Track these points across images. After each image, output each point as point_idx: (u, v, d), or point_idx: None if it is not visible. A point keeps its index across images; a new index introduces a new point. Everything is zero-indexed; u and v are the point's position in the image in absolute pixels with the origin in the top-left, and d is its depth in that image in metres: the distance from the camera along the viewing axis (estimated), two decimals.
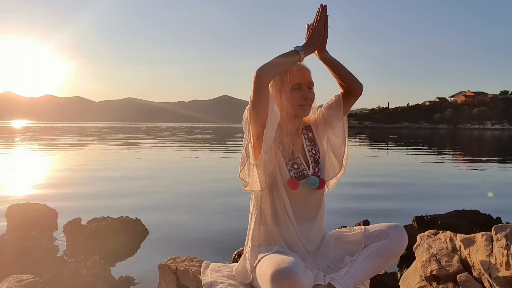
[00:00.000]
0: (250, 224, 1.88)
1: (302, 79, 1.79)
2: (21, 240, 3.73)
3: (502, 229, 2.08)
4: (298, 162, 1.82)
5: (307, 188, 1.81)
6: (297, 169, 1.81)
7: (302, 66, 1.82)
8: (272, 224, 1.81)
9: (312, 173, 1.83)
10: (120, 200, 6.41)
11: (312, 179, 1.81)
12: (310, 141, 1.91)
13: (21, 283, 2.40)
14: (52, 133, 44.29)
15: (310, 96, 1.81)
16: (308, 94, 1.80)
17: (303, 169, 1.82)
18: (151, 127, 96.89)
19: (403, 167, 12.60)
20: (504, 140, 36.60)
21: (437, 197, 7.12)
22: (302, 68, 1.82)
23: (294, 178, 1.79)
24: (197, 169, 11.49)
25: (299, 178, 1.80)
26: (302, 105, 1.80)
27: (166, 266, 2.14)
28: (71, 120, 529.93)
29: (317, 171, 1.85)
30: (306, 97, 1.79)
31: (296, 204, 1.81)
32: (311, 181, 1.81)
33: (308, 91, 1.80)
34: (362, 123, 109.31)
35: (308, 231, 1.84)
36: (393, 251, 1.78)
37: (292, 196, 1.80)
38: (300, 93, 1.79)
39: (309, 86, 1.82)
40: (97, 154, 16.65)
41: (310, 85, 1.82)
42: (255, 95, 1.65)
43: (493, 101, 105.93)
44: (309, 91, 1.81)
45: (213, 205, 6.11)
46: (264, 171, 1.74)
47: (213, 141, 28.68)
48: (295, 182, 1.78)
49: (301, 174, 1.81)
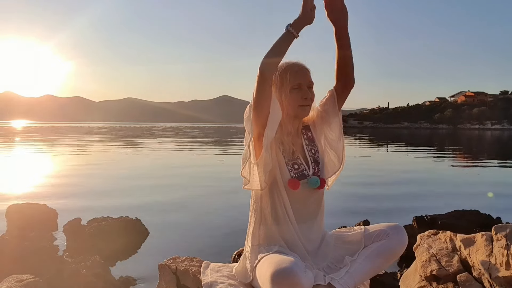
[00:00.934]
0: (250, 224, 1.88)
1: (302, 79, 1.79)
2: (21, 240, 3.73)
3: (502, 229, 2.08)
4: (299, 162, 1.82)
5: (307, 188, 1.81)
6: (298, 169, 1.81)
7: (302, 66, 1.82)
8: (272, 223, 1.81)
9: (312, 173, 1.83)
10: (120, 200, 6.41)
11: (312, 179, 1.81)
12: (309, 141, 1.91)
13: (21, 283, 2.40)
14: (52, 133, 44.30)
15: (310, 96, 1.80)
16: (308, 94, 1.79)
17: (303, 169, 1.82)
18: (151, 127, 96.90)
19: (403, 167, 12.60)
20: (504, 140, 36.60)
21: (437, 197, 7.12)
22: (302, 68, 1.81)
23: (295, 178, 1.79)
24: (197, 169, 11.48)
25: (300, 178, 1.80)
26: (302, 106, 1.79)
27: (166, 266, 2.13)
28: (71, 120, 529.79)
29: (317, 171, 1.85)
30: (306, 97, 1.79)
31: (296, 204, 1.81)
32: (311, 181, 1.80)
33: (308, 91, 1.80)
34: (362, 123, 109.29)
35: (308, 231, 1.84)
36: (393, 251, 1.78)
37: (292, 196, 1.80)
38: (300, 93, 1.78)
39: (309, 86, 1.81)
40: (97, 154, 16.65)
41: (310, 85, 1.82)
42: (258, 92, 1.65)
43: (493, 101, 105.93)
44: (309, 91, 1.81)
45: (213, 205, 6.11)
46: (264, 170, 1.74)
47: (213, 141, 28.69)
48: (295, 182, 1.78)
49: (302, 174, 1.81)
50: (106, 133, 44.33)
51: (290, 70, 1.78)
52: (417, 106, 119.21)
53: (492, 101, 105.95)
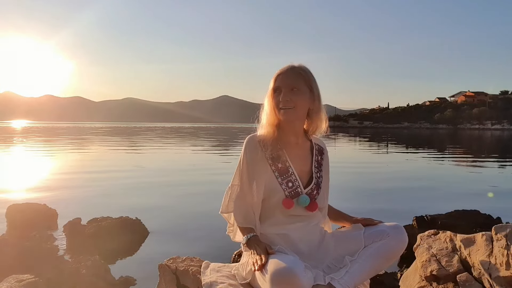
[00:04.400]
0: None
1: (283, 82, 1.78)
2: (21, 240, 3.73)
3: (502, 229, 2.08)
4: (293, 179, 1.81)
5: (299, 205, 1.81)
6: (292, 187, 1.80)
7: (286, 70, 1.80)
8: (267, 226, 1.83)
9: (309, 192, 1.83)
10: (120, 200, 6.41)
11: (302, 197, 1.80)
12: (318, 164, 1.91)
13: (21, 283, 2.40)
14: (52, 133, 44.29)
15: (288, 98, 1.76)
16: (286, 96, 1.76)
17: (297, 186, 1.81)
18: (151, 127, 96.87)
19: (403, 167, 12.60)
20: (504, 140, 36.58)
21: (437, 197, 7.11)
22: (285, 71, 1.80)
23: (289, 197, 1.79)
24: (197, 169, 11.48)
25: (293, 196, 1.80)
26: (281, 109, 1.78)
27: (166, 266, 2.13)
28: (71, 120, 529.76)
29: (315, 194, 1.84)
30: (283, 99, 1.76)
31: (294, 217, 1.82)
32: (301, 199, 1.80)
33: (286, 94, 1.76)
34: (362, 123, 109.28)
35: (306, 230, 1.84)
36: (393, 251, 1.78)
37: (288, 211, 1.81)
38: (279, 96, 1.78)
39: (292, 90, 1.77)
40: (97, 154, 16.64)
41: (291, 89, 1.77)
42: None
43: (493, 101, 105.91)
44: (290, 93, 1.76)
45: (213, 205, 6.10)
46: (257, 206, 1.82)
47: (213, 141, 28.67)
48: (289, 202, 1.78)
49: (295, 192, 1.81)
50: (106, 133, 44.32)
51: (277, 73, 1.80)
52: (417, 106, 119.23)
53: (492, 101, 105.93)
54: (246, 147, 1.82)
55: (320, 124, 1.89)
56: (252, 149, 1.81)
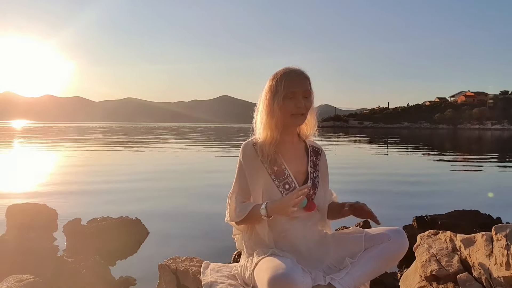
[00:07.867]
0: (242, 234, 1.91)
1: (297, 87, 1.75)
2: (21, 240, 3.73)
3: (502, 229, 2.08)
4: (289, 180, 1.81)
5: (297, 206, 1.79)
6: (289, 189, 1.79)
7: (299, 74, 1.78)
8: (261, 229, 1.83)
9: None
10: (120, 200, 6.41)
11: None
12: (313, 164, 1.90)
13: (21, 283, 2.40)
14: (52, 133, 44.28)
15: (303, 105, 1.75)
16: (301, 103, 1.75)
17: (293, 187, 1.80)
18: (152, 127, 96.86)
19: (403, 167, 12.60)
20: (504, 140, 36.57)
21: (437, 197, 7.11)
22: (298, 75, 1.77)
23: None
24: (197, 169, 11.48)
25: None
26: (294, 114, 1.76)
27: (166, 266, 2.13)
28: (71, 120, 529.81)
29: (311, 194, 1.83)
30: (299, 106, 1.74)
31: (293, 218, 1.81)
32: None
33: (301, 100, 1.75)
34: (362, 123, 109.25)
35: (306, 232, 1.83)
36: (394, 255, 1.78)
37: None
38: (293, 101, 1.74)
39: (304, 95, 1.77)
40: (97, 154, 16.63)
41: (306, 94, 1.77)
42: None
43: (493, 101, 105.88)
44: (305, 100, 1.76)
45: (214, 205, 6.10)
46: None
47: (213, 142, 28.67)
48: None
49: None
50: (106, 133, 44.31)
51: (286, 77, 1.75)
52: (417, 106, 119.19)
53: (492, 101, 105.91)
54: (242, 154, 1.83)
55: (315, 124, 1.91)
56: (248, 155, 1.81)
